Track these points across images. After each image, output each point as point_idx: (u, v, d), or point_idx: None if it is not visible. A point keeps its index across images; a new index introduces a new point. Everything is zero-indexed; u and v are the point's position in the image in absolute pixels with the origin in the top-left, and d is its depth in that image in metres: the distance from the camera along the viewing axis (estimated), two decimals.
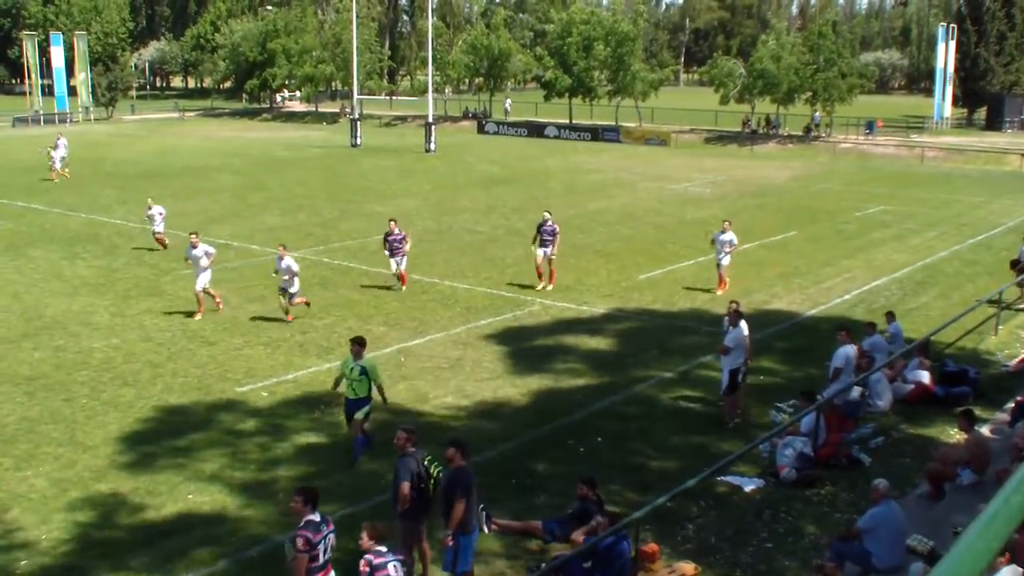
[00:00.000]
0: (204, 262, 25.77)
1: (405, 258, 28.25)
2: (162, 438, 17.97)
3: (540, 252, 28.46)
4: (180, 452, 17.31)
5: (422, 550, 13.02)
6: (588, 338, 24.38)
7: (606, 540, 12.84)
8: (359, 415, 16.49)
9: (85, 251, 34.30)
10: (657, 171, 59.21)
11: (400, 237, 28.05)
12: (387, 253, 28.42)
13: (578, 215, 42.16)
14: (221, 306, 26.23)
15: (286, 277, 24.88)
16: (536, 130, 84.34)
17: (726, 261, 28.32)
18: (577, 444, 17.80)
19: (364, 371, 16.35)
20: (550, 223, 28.46)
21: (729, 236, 28.16)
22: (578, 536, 13.53)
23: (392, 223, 28.52)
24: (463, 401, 19.84)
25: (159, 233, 34.54)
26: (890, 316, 22.87)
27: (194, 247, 25.97)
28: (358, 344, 16.65)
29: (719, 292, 27.95)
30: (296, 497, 11.27)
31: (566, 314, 26.52)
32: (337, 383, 17.33)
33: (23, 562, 13.71)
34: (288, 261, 24.86)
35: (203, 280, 25.87)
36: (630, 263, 32.45)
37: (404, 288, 28.18)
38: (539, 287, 28.49)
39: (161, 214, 34.63)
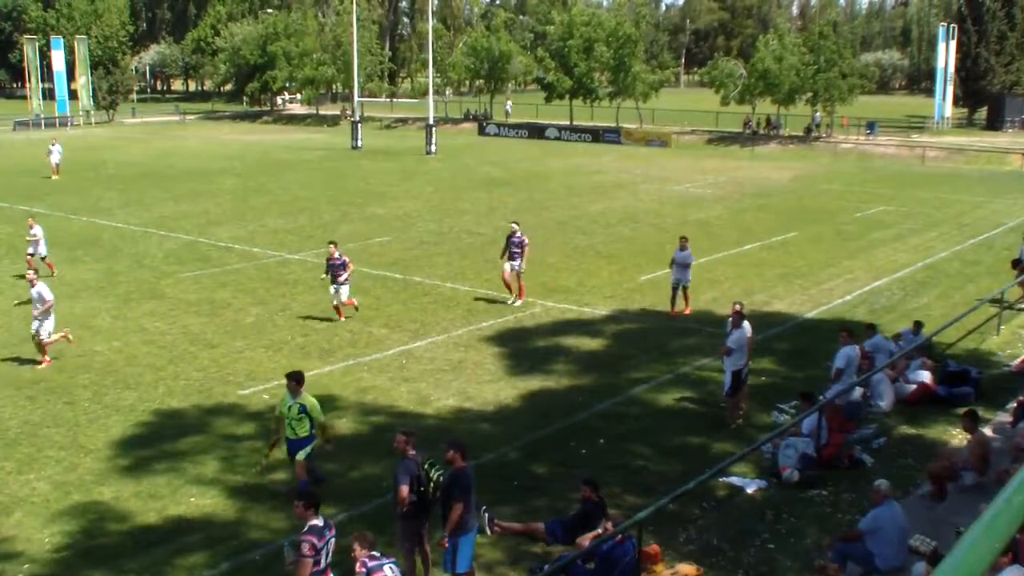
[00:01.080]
0: (42, 305, 22.41)
1: (346, 287, 25.43)
2: (164, 441, 17.97)
3: (508, 266, 26.86)
4: (182, 455, 17.31)
5: (423, 552, 13.02)
6: (589, 340, 24.36)
7: (609, 541, 12.85)
8: (300, 456, 15.16)
9: (86, 254, 34.32)
10: (658, 172, 59.24)
11: (341, 262, 25.27)
12: (328, 279, 25.63)
13: (579, 216, 42.19)
14: (46, 363, 22.46)
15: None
16: (537, 132, 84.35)
17: (687, 280, 26.11)
18: (578, 446, 17.79)
19: (303, 409, 15.04)
20: (518, 235, 26.92)
21: (686, 254, 25.94)
22: (585, 542, 13.54)
23: (332, 246, 25.81)
24: (465, 403, 19.83)
25: (37, 256, 30.95)
26: (917, 326, 22.66)
27: (32, 285, 22.81)
28: (294, 380, 15.24)
29: (681, 312, 26.20)
30: (298, 502, 11.27)
31: (567, 316, 26.51)
32: (277, 427, 15.58)
33: (25, 566, 13.71)
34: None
35: (47, 326, 22.53)
36: (631, 264, 32.44)
37: (342, 320, 25.46)
38: (510, 301, 27.13)
39: (39, 236, 31.10)
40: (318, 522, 11.04)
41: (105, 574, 13.52)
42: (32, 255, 30.88)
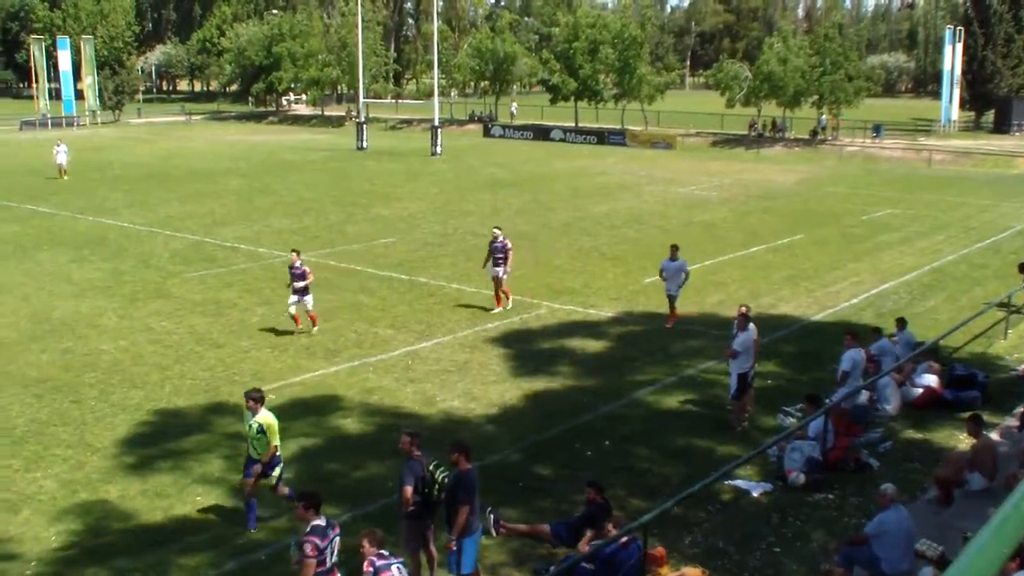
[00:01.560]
0: None
1: (309, 296, 24.36)
2: (170, 440, 18.01)
3: (495, 271, 26.33)
4: (188, 454, 17.34)
5: (428, 553, 13.03)
6: (594, 341, 24.36)
7: (614, 544, 12.85)
8: (273, 482, 14.63)
9: (93, 254, 34.37)
10: (663, 174, 59.22)
11: (300, 272, 24.17)
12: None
13: (584, 218, 42.20)
14: None
15: None
16: (542, 133, 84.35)
17: (676, 291, 25.26)
18: (583, 448, 17.78)
19: (262, 428, 14.33)
20: (501, 239, 26.39)
21: (679, 264, 25.09)
22: (585, 546, 13.55)
23: (294, 254, 24.72)
24: (470, 404, 19.85)
25: None
26: (901, 323, 22.65)
27: None
28: (251, 399, 14.46)
29: (668, 325, 25.47)
30: (297, 503, 11.27)
31: (572, 317, 26.51)
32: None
33: (32, 563, 13.76)
34: None
35: None
36: (636, 267, 32.42)
37: (312, 329, 24.49)
38: (494, 311, 26.49)
39: None
40: (320, 522, 11.04)
41: (111, 573, 13.54)
42: None
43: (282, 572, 12.98)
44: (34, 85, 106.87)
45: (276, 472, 14.62)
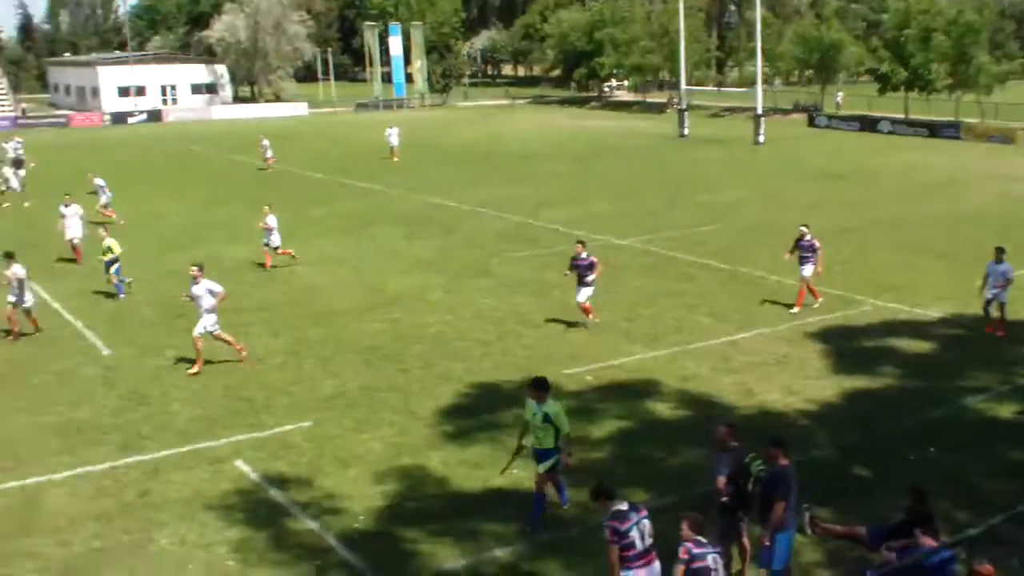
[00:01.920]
0: (207, 302, 21.41)
1: (590, 289, 23.71)
2: (488, 413, 18.70)
3: (804, 270, 25.57)
4: (505, 428, 17.78)
5: (741, 546, 12.95)
6: (920, 342, 23.34)
7: (932, 558, 12.35)
8: (541, 469, 14.35)
9: (421, 231, 36.10)
10: (1001, 170, 55.77)
11: (588, 263, 23.60)
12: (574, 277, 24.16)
13: (913, 214, 40.42)
14: (243, 353, 22.00)
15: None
16: (869, 125, 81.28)
17: (1004, 297, 23.58)
18: (905, 452, 17.09)
19: (548, 418, 14.04)
20: (808, 238, 25.64)
21: (1004, 267, 23.47)
22: (889, 554, 13.07)
23: (579, 245, 24.05)
24: (789, 399, 19.50)
25: (271, 247, 30.63)
26: None
27: (196, 282, 21.56)
28: (536, 388, 14.25)
29: (1000, 334, 23.64)
30: (593, 497, 11.47)
31: (898, 316, 25.50)
32: (522, 435, 14.72)
33: (361, 517, 14.76)
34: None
35: (204, 324, 21.42)
36: (968, 266, 30.57)
37: (591, 320, 24.00)
38: (815, 304, 25.70)
39: (272, 226, 30.33)
40: (621, 507, 11.13)
41: (427, 535, 14.24)
42: (267, 246, 30.55)
43: (594, 549, 13.16)
44: (368, 69, 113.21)
45: (549, 463, 14.36)
